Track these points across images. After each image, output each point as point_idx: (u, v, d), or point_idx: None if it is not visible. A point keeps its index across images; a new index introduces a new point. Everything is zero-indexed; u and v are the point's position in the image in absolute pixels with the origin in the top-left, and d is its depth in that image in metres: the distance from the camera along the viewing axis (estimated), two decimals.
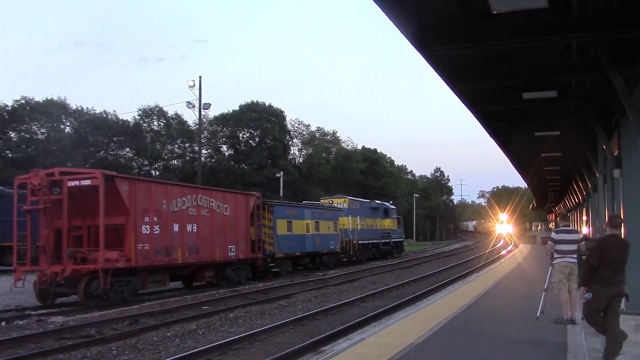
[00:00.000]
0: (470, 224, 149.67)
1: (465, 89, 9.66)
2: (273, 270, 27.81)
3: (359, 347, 8.85)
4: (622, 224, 8.60)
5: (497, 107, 10.83)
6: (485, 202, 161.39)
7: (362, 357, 8.07)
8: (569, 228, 11.23)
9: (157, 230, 19.59)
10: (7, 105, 56.28)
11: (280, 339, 12.58)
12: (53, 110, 58.09)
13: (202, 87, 41.52)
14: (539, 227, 77.57)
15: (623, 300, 10.19)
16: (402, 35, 6.91)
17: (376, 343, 9.13)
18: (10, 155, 55.11)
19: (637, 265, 9.33)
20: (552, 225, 61.07)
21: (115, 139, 63.22)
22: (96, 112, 62.63)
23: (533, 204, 67.64)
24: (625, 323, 9.66)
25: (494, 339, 9.46)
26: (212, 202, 22.88)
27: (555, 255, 11.08)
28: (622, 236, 8.53)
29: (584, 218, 23.36)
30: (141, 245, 18.84)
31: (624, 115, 8.60)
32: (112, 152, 63.85)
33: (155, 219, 19.58)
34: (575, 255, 10.86)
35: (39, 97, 58.73)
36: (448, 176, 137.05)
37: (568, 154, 15.49)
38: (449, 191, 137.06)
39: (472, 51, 8.05)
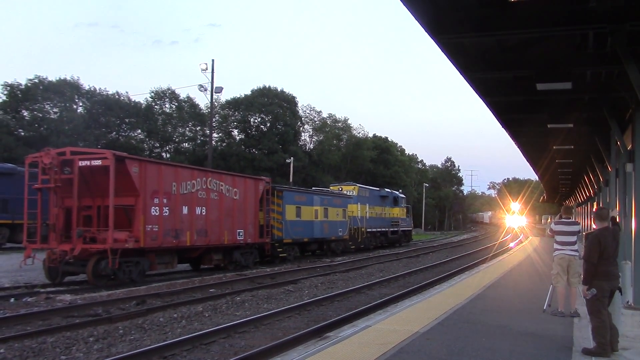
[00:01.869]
0: (486, 215, 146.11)
1: (479, 79, 9.56)
2: (281, 255, 27.89)
3: (364, 333, 8.85)
4: (610, 215, 8.55)
5: (510, 97, 10.72)
6: (495, 194, 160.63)
7: (366, 344, 8.07)
8: (569, 220, 11.13)
9: (166, 212, 19.67)
10: (20, 84, 56.52)
11: (285, 324, 12.63)
12: (66, 90, 58.25)
13: (214, 71, 41.49)
14: (549, 220, 77.16)
15: (631, 295, 10.18)
16: (416, 22, 6.86)
17: (381, 330, 9.14)
18: (22, 133, 55.39)
19: None
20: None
21: (127, 120, 63.40)
22: (109, 93, 62.82)
23: (544, 197, 67.29)
24: (633, 318, 9.66)
25: (499, 330, 9.44)
26: (221, 185, 22.93)
27: (555, 247, 11.05)
28: (613, 227, 8.48)
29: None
30: (150, 226, 18.93)
31: (639, 109, 8.51)
32: (123, 134, 64.05)
33: (165, 200, 19.65)
34: (574, 247, 10.79)
35: (52, 77, 58.97)
36: (458, 166, 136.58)
37: (580, 147, 15.35)
38: (459, 181, 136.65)
39: (486, 40, 7.96)
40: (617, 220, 10.82)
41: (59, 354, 9.59)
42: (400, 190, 55.82)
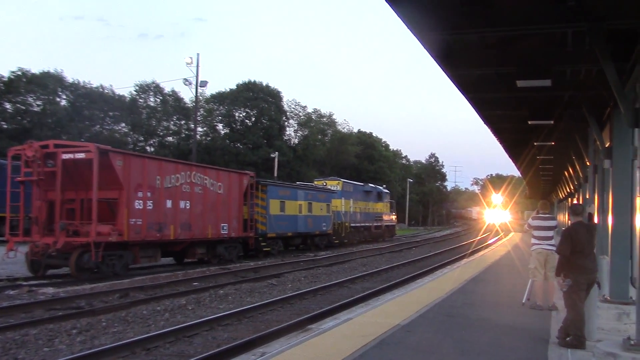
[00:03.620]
0: (474, 211, 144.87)
1: (461, 75, 9.70)
2: (264, 249, 27.94)
3: (345, 326, 8.97)
4: (585, 211, 8.81)
5: (491, 94, 10.88)
6: (479, 190, 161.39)
7: (348, 336, 8.19)
8: (546, 215, 11.38)
9: (150, 205, 19.65)
10: (3, 76, 55.85)
11: (268, 317, 12.73)
12: (49, 82, 57.68)
13: (199, 65, 41.43)
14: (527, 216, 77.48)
15: (608, 289, 10.40)
16: (400, 20, 6.96)
17: (363, 323, 9.26)
18: (5, 126, 54.83)
19: (620, 255, 9.47)
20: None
21: (111, 113, 62.89)
22: (93, 86, 62.30)
23: (527, 193, 67.83)
24: (608, 311, 9.85)
25: (479, 323, 9.61)
26: (205, 179, 22.94)
27: (532, 241, 11.28)
28: (591, 222, 8.74)
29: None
30: (134, 220, 18.91)
31: (617, 106, 8.68)
32: (107, 127, 63.54)
33: (149, 194, 19.63)
34: (551, 242, 11.00)
35: (36, 69, 58.39)
36: (442, 162, 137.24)
37: (561, 143, 15.57)
38: (443, 177, 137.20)
39: (469, 37, 8.09)
40: (594, 216, 11.07)
41: (41, 346, 9.61)
42: (384, 186, 56.04)
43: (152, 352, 9.36)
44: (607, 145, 10.10)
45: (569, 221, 8.50)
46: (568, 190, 25.82)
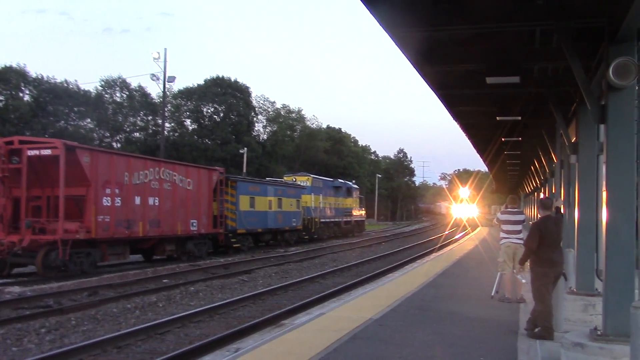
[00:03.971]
0: (443, 205, 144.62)
1: (431, 72, 9.80)
2: (234, 245, 27.84)
3: (318, 321, 9.02)
4: (553, 204, 9.07)
5: (461, 90, 11.00)
6: (446, 185, 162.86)
7: (321, 331, 8.24)
8: (515, 209, 11.65)
9: (118, 202, 19.43)
10: None
11: (240, 313, 12.72)
12: (12, 77, 56.48)
13: (167, 60, 40.98)
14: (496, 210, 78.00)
15: (574, 281, 10.63)
16: (372, 17, 7.01)
17: (335, 317, 9.33)
18: None
19: (586, 247, 9.69)
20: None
21: (76, 109, 61.79)
22: (57, 81, 61.14)
23: (493, 188, 68.61)
24: (575, 303, 10.05)
25: (450, 316, 9.75)
26: (174, 175, 22.76)
27: (501, 235, 11.51)
28: (558, 215, 8.99)
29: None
30: (102, 217, 18.68)
31: (583, 103, 8.87)
32: (72, 123, 62.42)
33: (117, 191, 19.41)
34: (520, 236, 11.24)
35: None
36: (411, 158, 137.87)
37: (528, 139, 15.84)
38: (411, 172, 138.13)
39: (439, 34, 8.18)
40: (562, 209, 11.30)
41: (10, 346, 9.45)
42: (354, 181, 56.31)
43: (123, 350, 9.28)
44: (573, 141, 10.31)
45: (538, 215, 8.67)
46: (534, 184, 26.26)
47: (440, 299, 11.60)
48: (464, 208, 72.61)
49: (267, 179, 40.61)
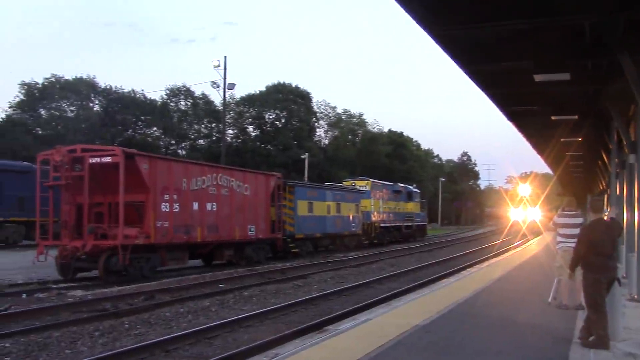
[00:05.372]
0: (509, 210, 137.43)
1: (477, 71, 9.53)
2: (293, 250, 27.95)
3: (363, 327, 8.87)
4: (604, 207, 8.60)
5: (510, 89, 10.65)
6: (512, 188, 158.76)
7: (364, 337, 8.09)
8: (572, 212, 11.10)
9: (176, 208, 19.81)
10: (37, 83, 57.24)
11: (290, 318, 12.69)
12: (82, 88, 58.87)
13: (227, 67, 41.78)
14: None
15: (635, 287, 10.10)
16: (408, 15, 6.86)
17: (381, 323, 9.15)
18: (40, 132, 56.03)
19: None
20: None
21: (142, 117, 63.84)
22: (124, 91, 63.29)
23: (560, 191, 65.87)
24: (636, 310, 9.58)
25: (501, 322, 9.41)
26: (232, 181, 23.04)
27: (558, 239, 11.01)
28: (608, 219, 8.48)
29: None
30: (160, 222, 19.08)
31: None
32: (139, 131, 64.51)
33: (175, 197, 19.79)
34: None
35: (68, 76, 59.58)
36: (475, 161, 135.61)
37: (589, 138, 15.20)
38: (476, 176, 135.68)
39: (482, 32, 7.93)
40: (617, 213, 10.77)
41: (63, 348, 9.72)
42: (415, 185, 55.56)
43: (171, 354, 9.40)
44: (632, 140, 9.81)
45: (590, 218, 8.24)
46: (601, 186, 25.22)
47: (492, 305, 11.22)
48: (525, 211, 61.63)
49: (326, 183, 40.63)
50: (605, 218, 8.38)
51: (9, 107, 57.03)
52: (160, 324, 11.92)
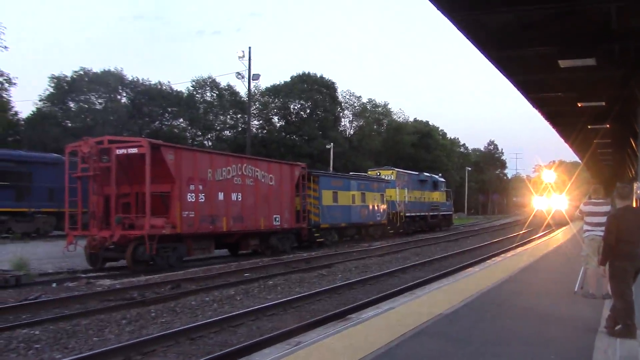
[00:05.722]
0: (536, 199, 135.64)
1: (501, 57, 9.40)
2: (318, 240, 28.02)
3: (385, 315, 8.87)
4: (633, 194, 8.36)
5: (535, 75, 10.49)
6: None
7: (386, 326, 8.09)
8: (599, 200, 10.86)
9: (202, 198, 19.98)
10: (66, 76, 58.06)
11: (314, 307, 12.75)
12: (110, 80, 59.53)
13: (251, 58, 41.77)
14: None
15: None
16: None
17: (404, 312, 9.14)
18: (69, 124, 56.87)
19: None
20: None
21: (169, 109, 64.38)
22: (151, 83, 63.87)
23: (589, 179, 64.75)
24: None
25: (526, 312, 9.33)
26: (257, 171, 23.14)
27: (584, 227, 10.83)
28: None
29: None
30: (186, 212, 19.27)
31: None
32: (166, 123, 65.10)
33: (201, 187, 19.96)
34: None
35: (97, 69, 60.27)
36: (502, 149, 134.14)
37: (617, 125, 14.92)
38: (503, 165, 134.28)
39: (505, 17, 7.82)
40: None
41: (91, 336, 9.91)
42: (440, 174, 55.20)
43: (195, 342, 9.51)
44: None
45: (617, 206, 8.05)
46: (631, 174, 24.77)
47: (517, 294, 11.13)
48: (549, 200, 53.84)
49: (351, 173, 40.57)
50: (634, 205, 8.18)
51: (39, 101, 58.08)
52: (186, 312, 12.08)
